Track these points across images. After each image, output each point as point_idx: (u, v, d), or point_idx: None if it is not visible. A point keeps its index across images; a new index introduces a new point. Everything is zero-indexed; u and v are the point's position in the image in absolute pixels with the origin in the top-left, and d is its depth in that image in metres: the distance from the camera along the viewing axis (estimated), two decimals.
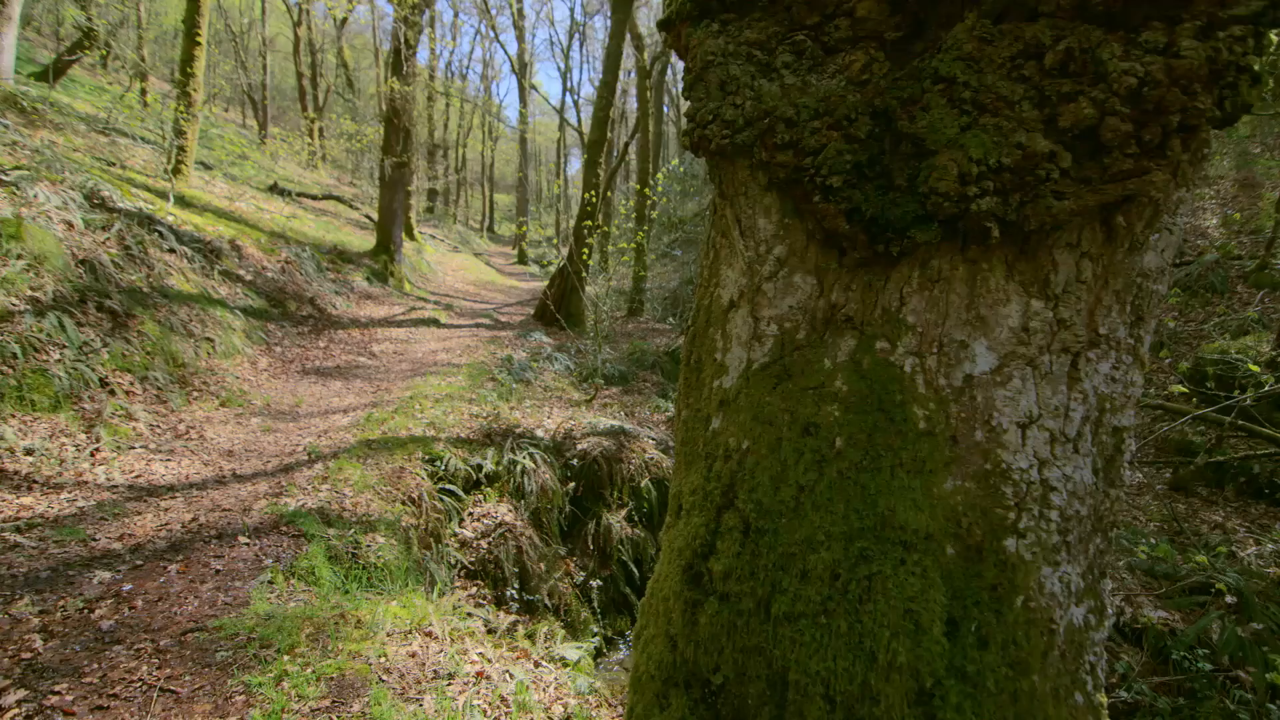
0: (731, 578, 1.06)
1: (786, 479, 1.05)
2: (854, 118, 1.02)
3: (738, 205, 1.13)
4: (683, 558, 1.15)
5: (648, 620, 1.26)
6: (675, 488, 1.26)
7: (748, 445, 1.10)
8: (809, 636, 1.00)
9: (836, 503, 1.01)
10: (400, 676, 2.08)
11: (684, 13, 1.19)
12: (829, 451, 1.03)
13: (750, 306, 1.12)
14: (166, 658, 2.29)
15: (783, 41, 1.10)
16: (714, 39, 1.12)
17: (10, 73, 8.96)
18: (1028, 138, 0.91)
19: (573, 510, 5.97)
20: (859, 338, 1.03)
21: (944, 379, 0.99)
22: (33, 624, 2.47)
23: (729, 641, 1.06)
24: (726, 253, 1.20)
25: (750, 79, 1.09)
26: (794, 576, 1.02)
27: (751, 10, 1.12)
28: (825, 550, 1.01)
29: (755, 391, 1.10)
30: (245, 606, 2.69)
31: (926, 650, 0.95)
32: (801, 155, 1.03)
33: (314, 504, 3.86)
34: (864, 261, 1.03)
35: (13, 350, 4.24)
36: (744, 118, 1.07)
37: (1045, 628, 0.98)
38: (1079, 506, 1.01)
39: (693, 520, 1.15)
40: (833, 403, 1.03)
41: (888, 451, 1.00)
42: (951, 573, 0.98)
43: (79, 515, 3.40)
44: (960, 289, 0.99)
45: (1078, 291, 0.98)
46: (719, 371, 1.18)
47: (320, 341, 7.82)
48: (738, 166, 1.12)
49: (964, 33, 0.95)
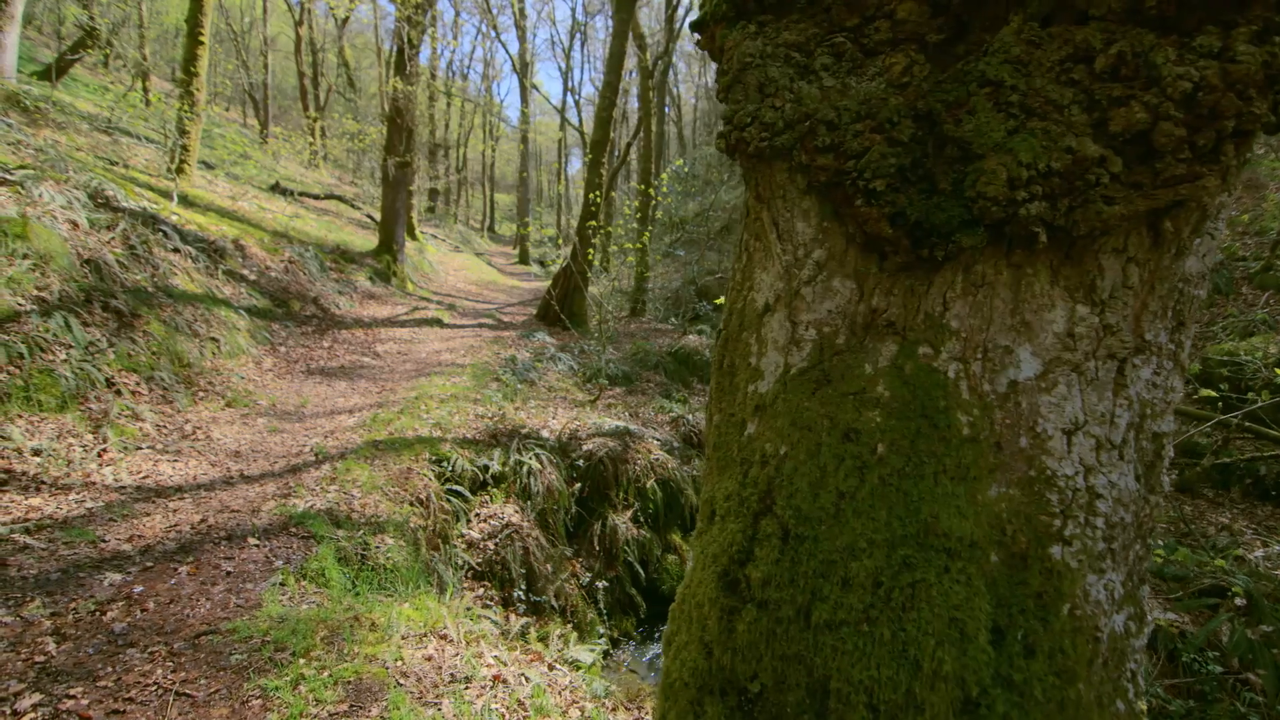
0: (770, 585, 1.05)
1: (826, 485, 1.04)
2: (896, 121, 1.01)
3: (775, 208, 1.12)
4: (718, 564, 1.14)
5: (679, 626, 1.25)
6: (707, 493, 1.25)
7: (785, 451, 1.09)
8: (851, 644, 0.99)
9: (878, 509, 1.00)
10: (417, 680, 2.07)
11: (719, 14, 1.18)
12: (870, 457, 1.02)
13: (787, 311, 1.11)
14: (181, 661, 2.27)
15: (821, 43, 1.09)
16: (751, 41, 1.11)
17: (13, 71, 8.94)
18: (1077, 142, 0.90)
19: (578, 511, 5.96)
20: (901, 343, 1.02)
21: (988, 385, 0.98)
22: (45, 626, 2.46)
23: (768, 649, 1.05)
24: (761, 256, 1.19)
25: (789, 81, 1.08)
26: (835, 584, 1.01)
27: (789, 12, 1.11)
28: (867, 557, 1.00)
29: (793, 396, 1.09)
30: (258, 609, 2.68)
31: (973, 659, 0.94)
32: (843, 158, 1.02)
33: (323, 505, 3.85)
34: (905, 266, 1.02)
35: (19, 350, 4.23)
36: (784, 120, 1.06)
37: (1091, 635, 0.98)
38: (1123, 513, 1.01)
39: (728, 526, 1.14)
40: (874, 408, 1.02)
41: (931, 458, 0.99)
42: (996, 580, 0.97)
43: (88, 516, 3.39)
44: (1004, 294, 0.99)
45: (1124, 297, 0.97)
46: (754, 376, 1.17)
47: (324, 341, 7.80)
48: (775, 169, 1.11)
49: (1011, 36, 0.94)
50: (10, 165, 5.84)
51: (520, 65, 23.16)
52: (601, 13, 28.13)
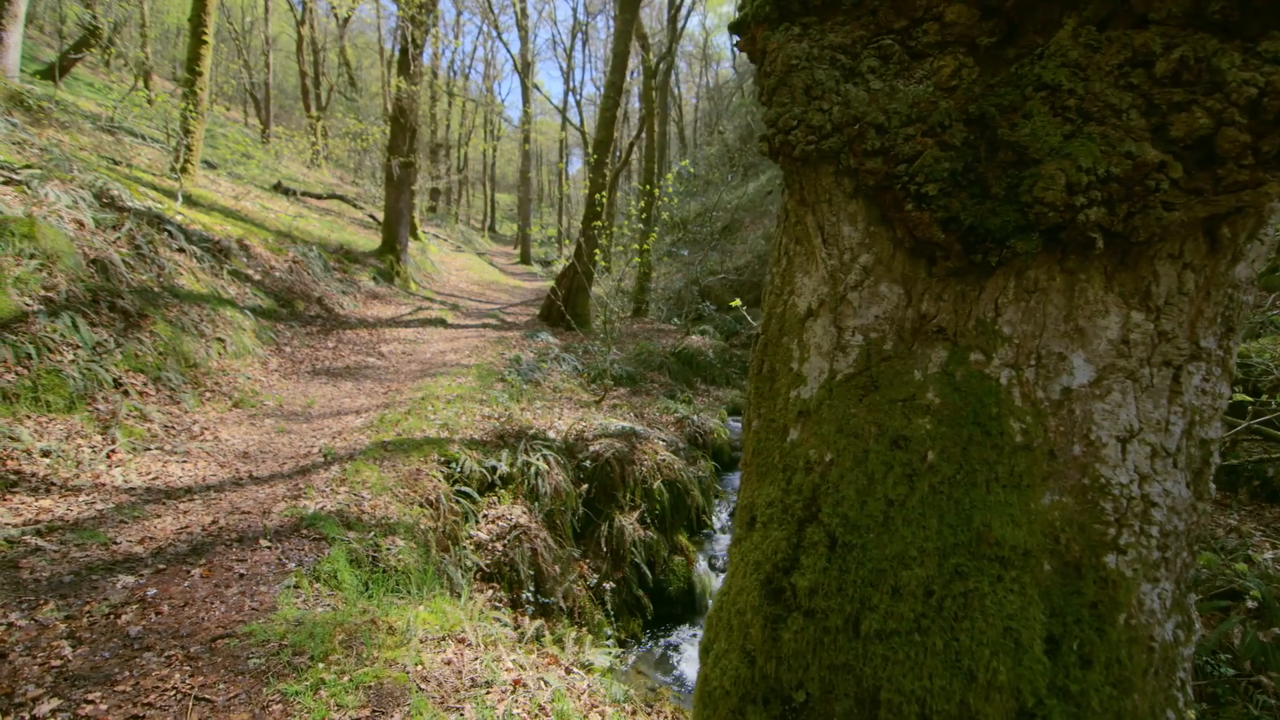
0: (818, 593, 1.04)
1: (874, 492, 1.03)
2: (948, 124, 0.99)
3: (820, 212, 1.11)
4: (761, 572, 1.13)
5: (718, 634, 1.24)
6: (746, 499, 1.24)
7: (831, 458, 1.08)
8: (903, 654, 0.97)
9: (929, 518, 0.99)
10: (438, 685, 2.06)
11: (761, 15, 1.17)
12: (920, 465, 1.01)
13: (833, 316, 1.10)
14: (198, 665, 2.26)
15: (868, 46, 1.08)
16: (796, 43, 1.10)
17: (16, 71, 8.91)
18: (1137, 147, 0.89)
19: (585, 512, 5.95)
20: (951, 349, 1.01)
21: (1041, 392, 0.97)
22: (60, 630, 2.45)
23: (815, 658, 1.04)
24: (803, 260, 1.18)
25: (835, 84, 1.07)
26: (884, 593, 1.00)
27: (834, 14, 1.10)
28: (918, 566, 0.99)
29: (839, 403, 1.08)
30: (273, 612, 2.67)
31: (1028, 669, 0.93)
32: (893, 162, 1.01)
33: (333, 506, 3.84)
34: (956, 271, 1.01)
35: (27, 351, 4.21)
36: (831, 123, 1.05)
37: (1145, 645, 0.97)
38: (1177, 521, 0.99)
39: (771, 534, 1.12)
40: (924, 415, 1.01)
41: (983, 465, 0.98)
42: (1049, 590, 0.96)
43: (98, 518, 3.37)
44: (1057, 300, 0.97)
45: (1179, 303, 0.96)
46: (796, 381, 1.16)
47: (329, 342, 7.79)
48: (821, 173, 1.10)
49: (1068, 39, 0.93)
50: (16, 165, 5.81)
51: (522, 65, 23.14)
52: (603, 12, 28.11)
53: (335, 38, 23.85)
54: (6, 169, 5.63)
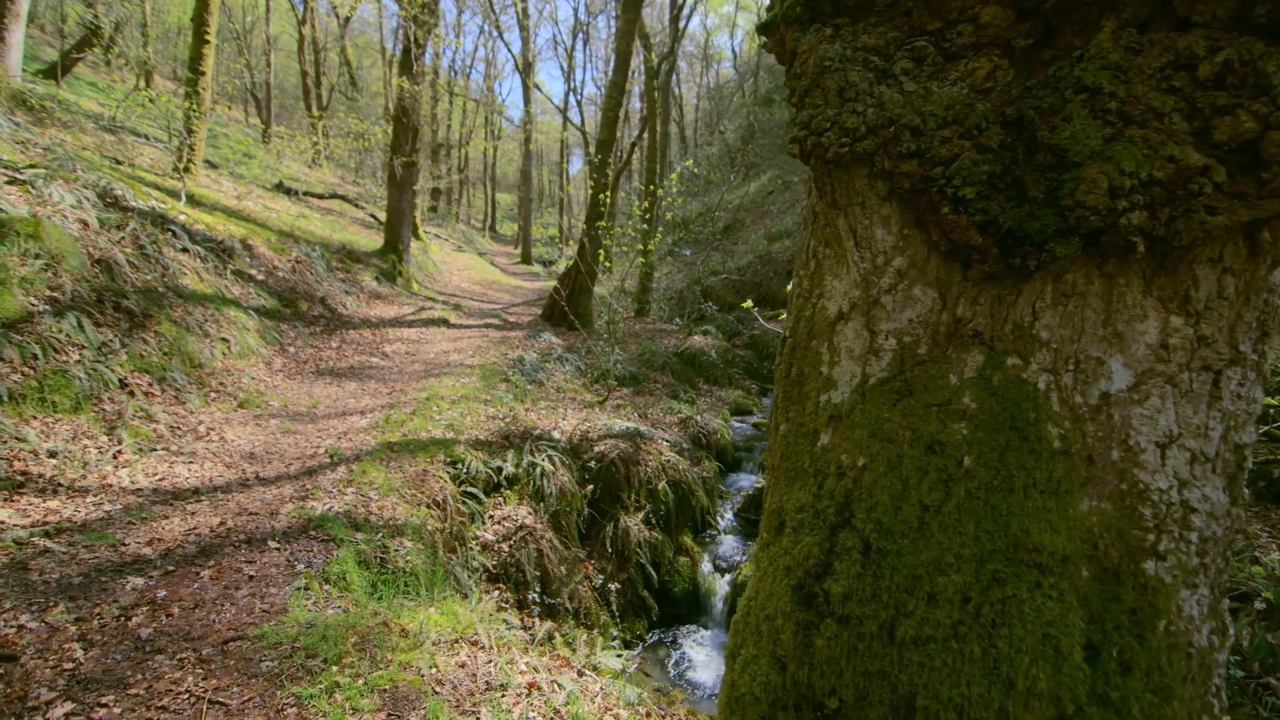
0: (852, 600, 1.03)
1: (908, 498, 1.02)
2: (984, 127, 0.99)
3: (852, 215, 1.10)
4: (792, 577, 1.12)
5: (745, 639, 1.23)
6: (774, 504, 1.23)
7: (864, 463, 1.07)
8: (939, 661, 0.97)
9: (965, 523, 0.98)
10: (453, 688, 2.05)
11: (791, 16, 1.16)
12: (956, 470, 1.00)
13: (865, 319, 1.09)
14: (211, 668, 2.25)
15: (901, 47, 1.07)
16: (829, 44, 1.09)
17: (18, 70, 8.89)
18: (1180, 150, 0.88)
19: (591, 513, 5.94)
20: (988, 353, 1.00)
21: (1079, 396, 0.97)
22: (70, 632, 2.44)
23: (849, 665, 1.03)
24: (832, 263, 1.17)
25: (869, 86, 1.06)
26: (920, 599, 0.99)
27: (867, 15, 1.09)
28: (955, 573, 0.98)
29: (872, 407, 1.07)
30: (284, 614, 2.66)
31: (1068, 676, 0.92)
32: (929, 165, 1.00)
33: (341, 508, 3.83)
34: (992, 275, 1.00)
35: (33, 351, 4.19)
36: (866, 125, 1.04)
37: (1184, 652, 0.96)
38: (1215, 527, 0.99)
39: (803, 539, 1.12)
40: (960, 420, 1.00)
41: (1020, 471, 0.97)
42: (1087, 596, 0.96)
43: (106, 519, 3.36)
44: (1096, 304, 0.97)
45: (1219, 308, 0.95)
46: (826, 385, 1.15)
47: (333, 342, 7.77)
48: (854, 175, 1.09)
49: (1109, 42, 0.92)
50: (20, 164, 5.80)
51: (523, 65, 23.12)
52: (604, 12, 28.10)
53: (336, 37, 23.83)
54: (11, 168, 5.61)
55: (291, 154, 16.23)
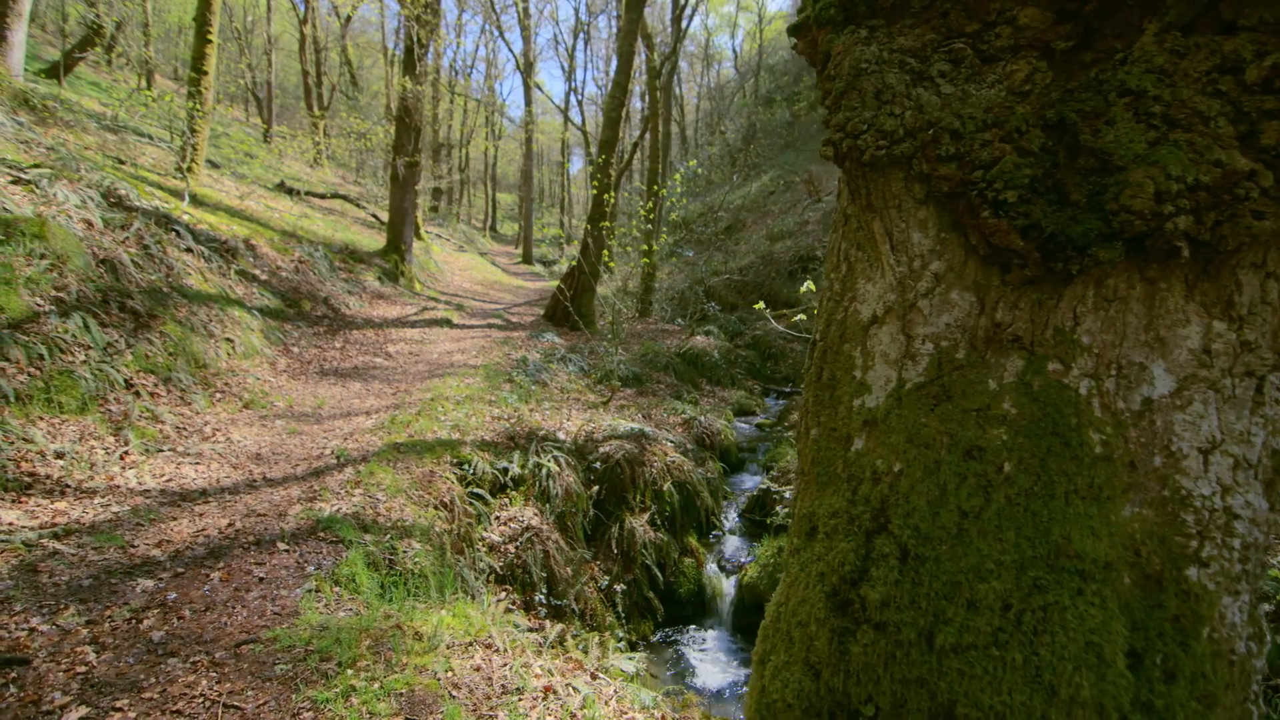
0: (889, 606, 1.02)
1: (946, 504, 1.02)
2: (1025, 130, 0.98)
3: (888, 218, 1.09)
4: (826, 583, 1.11)
5: (774, 645, 1.22)
6: (805, 508, 1.22)
7: (900, 468, 1.06)
8: (980, 669, 0.96)
9: (1006, 530, 0.98)
10: (470, 692, 2.04)
11: (824, 18, 1.15)
12: (996, 476, 0.99)
13: (901, 323, 1.08)
14: (224, 671, 2.24)
15: (938, 49, 1.06)
16: (864, 46, 1.08)
17: (21, 70, 8.87)
18: (1226, 155, 0.87)
19: (596, 514, 5.93)
20: (1028, 358, 0.99)
21: (1121, 402, 0.96)
22: (82, 635, 2.42)
23: (886, 672, 1.02)
24: (865, 266, 1.16)
25: (906, 88, 1.05)
26: (960, 606, 0.98)
27: (902, 17, 1.09)
28: (995, 579, 0.97)
29: (909, 412, 1.06)
30: (296, 616, 2.65)
31: (1112, 684, 0.91)
32: (969, 168, 0.99)
33: (349, 509, 3.81)
34: (1032, 279, 0.99)
35: (39, 351, 4.18)
36: (904, 128, 1.03)
37: (1227, 659, 0.95)
38: (1257, 534, 0.98)
39: (837, 545, 1.11)
40: (999, 425, 0.99)
41: (1062, 477, 0.96)
42: (1129, 603, 0.95)
43: (115, 521, 3.35)
44: (1137, 309, 0.96)
45: (1263, 313, 0.94)
46: (860, 390, 1.14)
47: (336, 342, 7.76)
48: (891, 178, 1.08)
49: (1154, 45, 0.91)
50: (24, 164, 5.78)
51: (525, 65, 23.11)
52: (604, 12, 28.10)
53: (337, 37, 23.81)
54: (15, 168, 5.60)
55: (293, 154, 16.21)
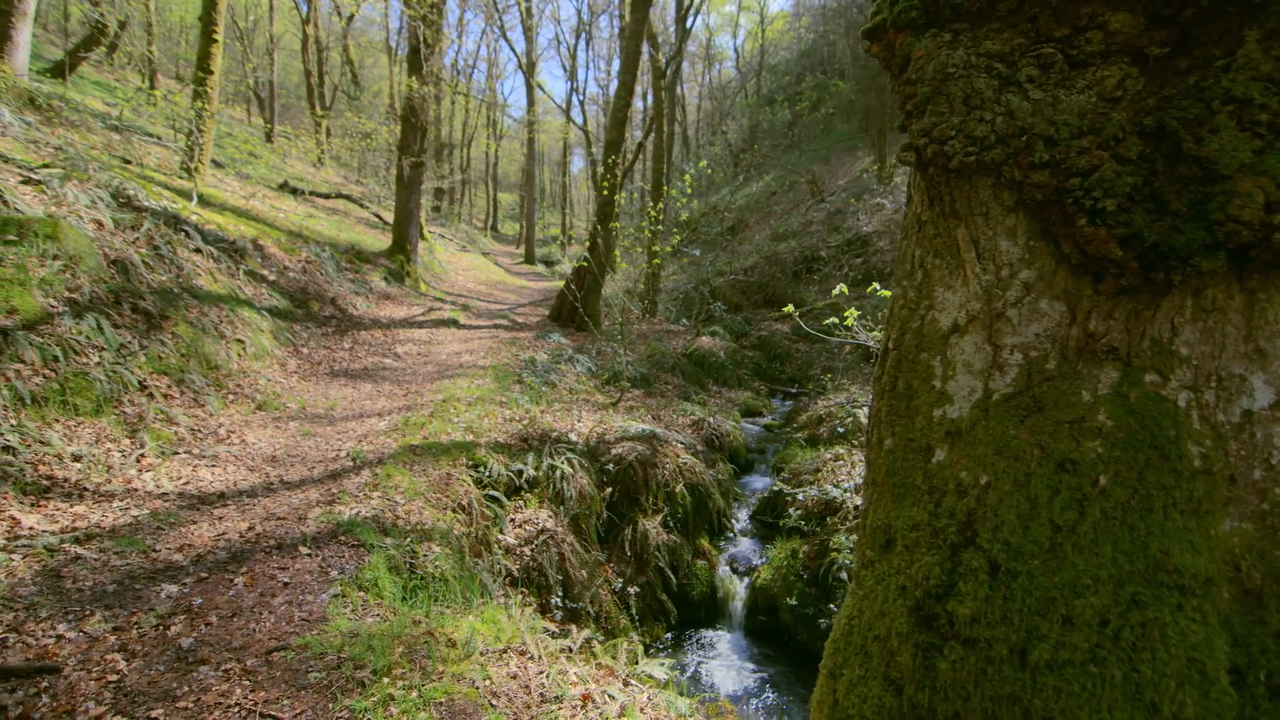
0: (980, 622, 1.00)
1: (1038, 517, 1.00)
2: (1121, 137, 0.96)
3: (974, 226, 1.08)
4: (908, 598, 1.09)
5: (848, 659, 1.20)
6: (879, 520, 1.20)
7: (987, 480, 1.04)
8: (1077, 686, 0.94)
9: (1102, 544, 0.96)
10: (509, 700, 2.02)
11: (903, 21, 1.13)
12: (1090, 490, 0.97)
13: (987, 333, 1.06)
14: (258, 679, 2.21)
15: (1026, 54, 1.04)
16: (950, 50, 1.06)
17: (25, 69, 8.82)
18: None
19: (609, 515, 5.91)
20: (1123, 370, 0.97)
21: (1221, 415, 0.94)
22: (110, 642, 2.40)
23: (976, 689, 1.00)
24: (944, 274, 1.14)
25: (994, 93, 1.03)
26: (1055, 622, 0.97)
27: (988, 21, 1.07)
28: (1092, 595, 0.95)
29: (997, 424, 1.04)
30: (324, 623, 2.62)
31: (1215, 701, 0.90)
32: (1064, 176, 0.97)
33: (368, 512, 3.79)
34: (1127, 289, 0.98)
35: (54, 353, 4.15)
36: (995, 134, 1.01)
37: None
38: None
39: (920, 558, 1.09)
40: (1095, 438, 0.98)
41: (1160, 490, 0.95)
42: (1230, 619, 0.93)
43: (135, 525, 3.32)
44: (1236, 320, 0.94)
45: None
46: (940, 400, 1.12)
47: (345, 343, 7.73)
48: (978, 185, 1.06)
49: (1258, 53, 0.89)
50: (34, 164, 5.74)
51: (527, 65, 23.08)
52: (606, 12, 28.07)
53: (339, 36, 23.75)
54: (25, 168, 5.56)
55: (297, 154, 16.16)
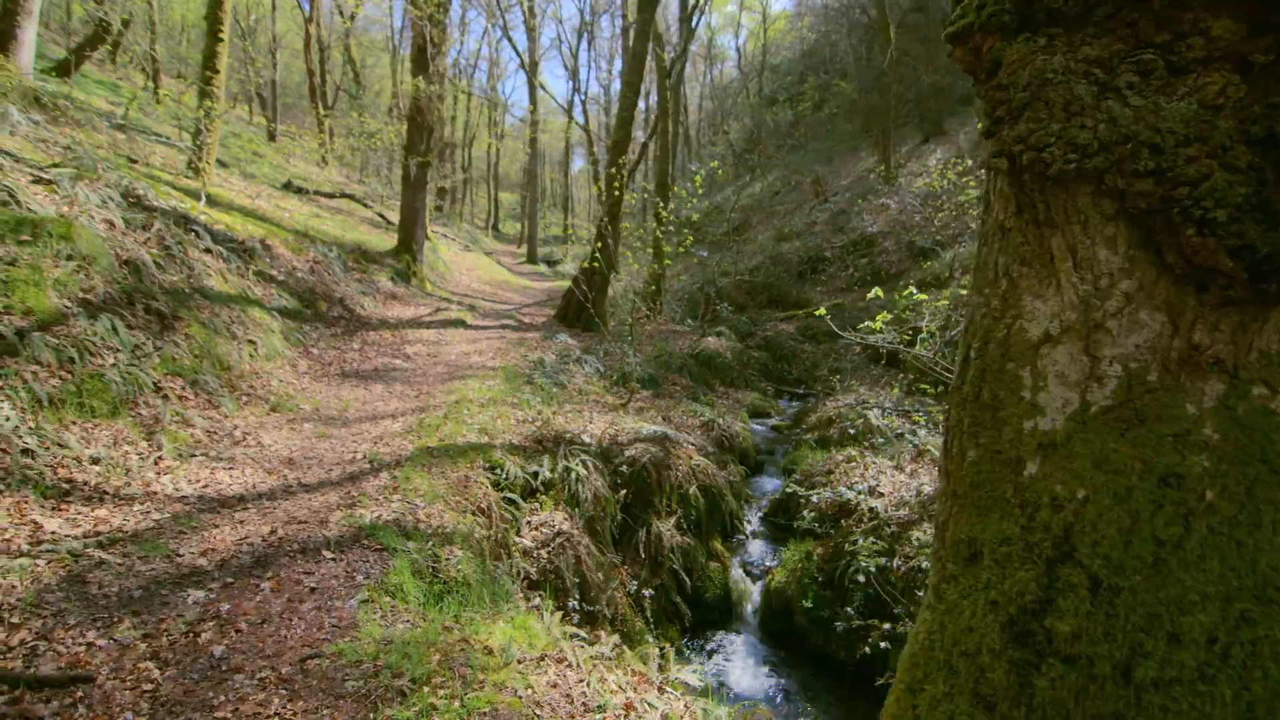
0: (1081, 639, 0.98)
1: (1140, 533, 0.98)
2: (1229, 146, 0.94)
3: (1070, 234, 1.05)
4: (1000, 613, 1.07)
5: (930, 674, 1.18)
6: (963, 533, 1.18)
7: (1085, 494, 1.02)
8: (1185, 704, 0.92)
9: (1209, 560, 0.94)
10: (552, 710, 1.99)
11: (993, 25, 1.11)
12: (1196, 504, 0.95)
13: (1084, 344, 1.04)
14: (294, 688, 2.19)
15: (1125, 60, 1.02)
16: (1047, 55, 1.04)
17: (30, 68, 8.77)
18: None
19: (623, 518, 5.89)
20: (1230, 382, 0.95)
21: None
22: (141, 650, 2.37)
23: (1077, 707, 0.98)
24: (1032, 283, 1.12)
25: (1095, 100, 1.01)
26: (1159, 639, 0.95)
27: (1085, 26, 1.05)
28: (1199, 612, 0.93)
29: (1095, 437, 1.02)
30: (355, 629, 2.60)
31: None
32: (1171, 185, 0.95)
33: (389, 516, 3.77)
34: (1233, 300, 0.95)
35: (70, 355, 4.11)
36: (1098, 141, 0.99)
37: None
38: None
39: (1012, 573, 1.07)
40: (1200, 452, 0.96)
41: (1269, 506, 0.93)
42: None
43: (157, 529, 3.29)
44: None
45: None
46: (1031, 412, 1.10)
47: (354, 343, 7.70)
48: (1077, 193, 1.04)
49: None
50: (44, 164, 5.70)
51: (529, 65, 23.04)
52: (608, 12, 28.04)
53: (341, 35, 23.68)
54: (35, 168, 5.52)
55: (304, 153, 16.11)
